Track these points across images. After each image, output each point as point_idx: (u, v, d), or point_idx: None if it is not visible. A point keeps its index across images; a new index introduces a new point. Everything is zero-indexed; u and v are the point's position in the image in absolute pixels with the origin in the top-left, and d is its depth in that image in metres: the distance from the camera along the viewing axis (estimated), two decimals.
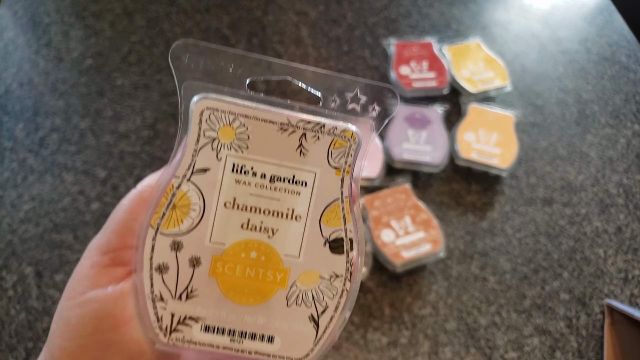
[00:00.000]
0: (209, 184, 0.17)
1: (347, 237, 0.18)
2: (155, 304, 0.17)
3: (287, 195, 0.18)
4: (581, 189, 0.52)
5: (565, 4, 0.71)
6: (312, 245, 0.18)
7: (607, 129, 0.57)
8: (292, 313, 0.18)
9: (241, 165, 0.17)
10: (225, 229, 0.17)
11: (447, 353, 0.41)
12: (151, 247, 0.17)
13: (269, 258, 0.18)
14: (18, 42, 0.58)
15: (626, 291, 0.46)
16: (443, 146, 0.51)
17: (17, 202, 0.46)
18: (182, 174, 0.17)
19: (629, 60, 0.64)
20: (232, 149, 0.17)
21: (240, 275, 0.17)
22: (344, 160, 0.18)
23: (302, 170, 0.18)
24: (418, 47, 0.59)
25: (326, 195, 0.18)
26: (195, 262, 0.17)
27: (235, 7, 0.64)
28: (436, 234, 0.45)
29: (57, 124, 0.52)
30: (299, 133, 0.17)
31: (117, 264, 0.17)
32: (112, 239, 0.17)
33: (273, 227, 0.18)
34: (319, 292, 0.18)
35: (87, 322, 0.15)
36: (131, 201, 0.17)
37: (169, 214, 0.17)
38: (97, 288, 0.16)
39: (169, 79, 0.57)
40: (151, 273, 0.17)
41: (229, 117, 0.17)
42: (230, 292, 0.17)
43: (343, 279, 0.18)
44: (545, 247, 0.48)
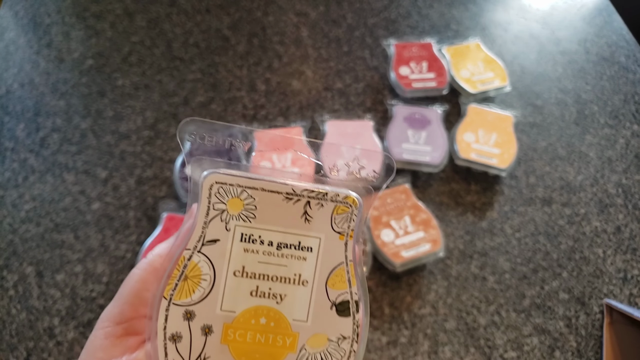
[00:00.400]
0: (219, 254, 0.18)
1: (353, 299, 0.19)
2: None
3: (294, 261, 0.18)
4: (580, 189, 0.52)
5: (564, 5, 0.71)
6: (319, 309, 0.18)
7: (606, 129, 0.57)
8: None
9: (249, 235, 0.18)
10: (235, 297, 0.18)
11: (447, 352, 0.41)
12: (164, 318, 0.17)
13: (278, 323, 0.18)
14: (19, 43, 0.59)
15: (625, 291, 0.46)
16: (442, 146, 0.51)
17: (18, 202, 0.46)
18: (193, 246, 0.18)
19: (628, 61, 0.64)
20: (241, 219, 0.18)
21: (251, 341, 0.18)
22: (347, 225, 0.19)
23: (307, 236, 0.18)
24: (418, 47, 0.59)
25: (331, 259, 0.19)
26: (207, 331, 0.18)
27: (236, 7, 0.65)
28: (436, 234, 0.45)
29: (58, 124, 0.52)
30: (303, 201, 0.18)
31: (130, 333, 0.17)
32: (125, 309, 0.17)
33: (281, 292, 0.18)
34: (327, 354, 0.18)
35: None
36: (142, 271, 0.18)
37: (181, 285, 0.18)
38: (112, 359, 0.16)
39: (169, 79, 0.57)
40: (165, 343, 0.17)
41: (237, 190, 0.18)
42: (242, 358, 0.18)
43: (350, 341, 0.18)
44: (545, 247, 0.48)
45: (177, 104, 0.55)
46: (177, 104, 0.55)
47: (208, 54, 0.60)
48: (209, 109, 0.55)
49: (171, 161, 0.50)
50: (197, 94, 0.56)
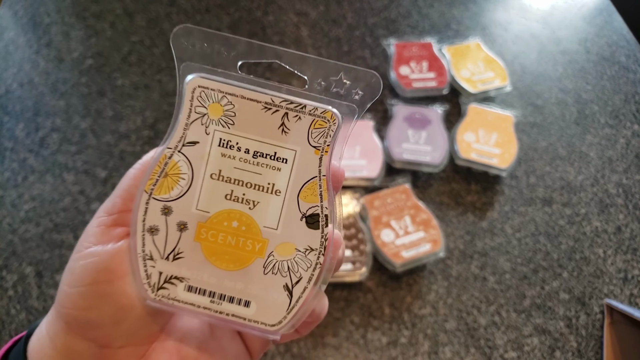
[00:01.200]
0: (198, 156, 0.18)
1: (323, 213, 0.19)
2: (145, 262, 0.18)
3: (269, 170, 0.19)
4: (581, 189, 0.52)
5: (564, 4, 0.71)
6: (289, 218, 0.19)
7: (606, 129, 0.57)
8: (268, 281, 0.19)
9: (227, 140, 0.19)
10: (210, 199, 0.19)
11: (447, 353, 0.41)
12: (144, 210, 0.18)
13: (249, 228, 0.19)
14: (18, 42, 0.58)
15: (626, 291, 0.46)
16: (443, 146, 0.51)
17: (17, 202, 0.46)
18: (174, 146, 0.18)
19: (629, 61, 0.64)
20: (220, 124, 0.18)
21: (222, 242, 0.19)
22: (324, 140, 0.19)
23: (283, 147, 0.19)
24: (418, 47, 0.59)
25: (305, 172, 0.19)
26: (182, 227, 0.18)
27: (236, 7, 0.65)
28: (436, 234, 0.45)
29: (58, 124, 0.52)
30: (281, 112, 0.18)
31: (119, 224, 0.18)
32: (117, 202, 0.18)
33: (254, 199, 0.19)
34: (294, 263, 0.19)
35: (87, 273, 0.17)
36: (136, 170, 0.19)
37: (161, 181, 0.18)
38: (99, 244, 0.18)
39: (169, 79, 0.57)
40: (143, 234, 0.18)
41: (218, 95, 0.18)
42: (212, 257, 0.19)
43: (317, 253, 0.19)
44: (545, 247, 0.48)
45: None
46: None
47: None
48: None
49: None
50: None
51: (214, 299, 0.19)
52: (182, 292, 0.19)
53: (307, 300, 0.19)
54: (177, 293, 0.19)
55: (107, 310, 0.17)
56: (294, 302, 0.19)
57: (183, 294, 0.19)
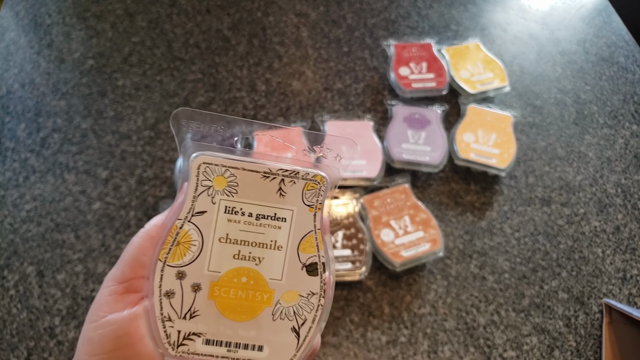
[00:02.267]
0: (206, 223, 0.21)
1: (320, 261, 0.22)
2: (164, 323, 0.20)
3: (270, 229, 0.21)
4: (579, 189, 0.52)
5: (563, 5, 0.71)
6: (292, 269, 0.21)
7: (605, 129, 0.58)
8: (277, 326, 0.21)
9: (232, 207, 0.21)
10: (220, 260, 0.21)
11: (446, 352, 0.41)
12: (160, 277, 0.20)
13: (257, 282, 0.21)
14: (20, 43, 0.59)
15: (624, 290, 0.46)
16: (442, 146, 0.51)
17: (18, 201, 0.47)
18: (184, 216, 0.21)
19: (627, 61, 0.64)
20: (225, 194, 0.21)
21: (233, 297, 0.21)
22: (316, 199, 0.22)
23: (281, 208, 0.21)
24: (417, 48, 0.59)
25: (302, 228, 0.22)
26: (196, 288, 0.21)
27: (236, 8, 0.65)
28: (435, 234, 0.45)
29: (59, 124, 0.52)
30: (278, 179, 0.21)
31: (130, 291, 0.20)
32: (125, 271, 0.20)
33: (260, 256, 0.21)
34: (299, 308, 0.21)
35: (107, 340, 0.18)
36: (140, 239, 0.21)
37: (174, 249, 0.21)
38: (114, 312, 0.19)
39: (169, 79, 0.57)
40: (160, 298, 0.20)
41: (221, 169, 0.21)
42: (226, 311, 0.21)
43: (318, 296, 0.21)
44: (544, 247, 0.48)
45: (178, 104, 0.55)
46: (178, 104, 0.55)
47: (208, 55, 0.60)
48: (209, 109, 0.55)
49: (172, 161, 0.50)
50: (198, 94, 0.56)
51: (230, 348, 0.21)
52: (200, 346, 0.20)
53: (313, 337, 0.21)
54: (196, 347, 0.20)
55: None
56: (301, 341, 0.21)
57: (202, 347, 0.20)
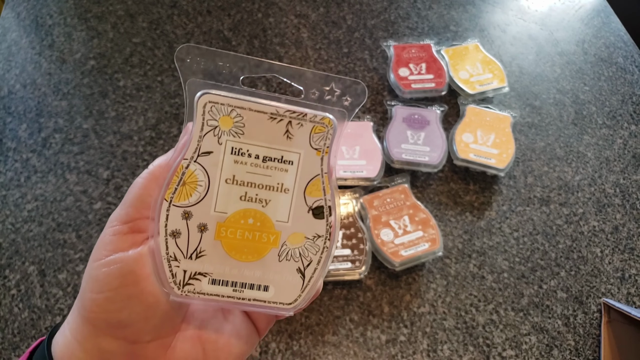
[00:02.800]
0: (213, 164, 0.20)
1: (327, 205, 0.22)
2: (170, 263, 0.20)
3: (277, 172, 0.21)
4: (578, 189, 0.53)
5: (562, 6, 0.71)
6: (298, 212, 0.21)
7: (604, 129, 0.58)
8: (283, 267, 0.21)
9: (239, 148, 0.21)
10: (227, 201, 0.21)
11: (446, 351, 0.42)
12: (165, 217, 0.20)
13: (263, 223, 0.21)
14: (21, 44, 0.59)
15: (623, 290, 0.46)
16: (441, 147, 0.51)
17: (20, 201, 0.47)
18: (190, 156, 0.20)
19: (626, 62, 0.65)
20: (231, 135, 0.21)
21: (240, 237, 0.21)
22: (323, 142, 0.21)
23: (289, 151, 0.21)
24: (417, 48, 0.60)
25: (309, 171, 0.21)
26: (202, 228, 0.20)
27: (237, 9, 0.65)
28: (434, 233, 0.45)
29: (60, 124, 0.52)
30: (285, 121, 0.21)
31: (135, 231, 0.20)
32: (130, 211, 0.20)
33: (266, 198, 0.21)
34: (304, 249, 0.21)
35: (112, 278, 0.18)
36: (144, 179, 0.20)
37: (180, 189, 0.20)
38: (119, 251, 0.19)
39: (171, 80, 0.57)
40: (166, 238, 0.20)
41: (227, 109, 0.20)
42: (232, 252, 0.21)
43: (324, 239, 0.22)
44: (543, 246, 0.48)
45: (179, 104, 0.55)
46: (179, 104, 0.55)
47: None
48: None
49: None
50: None
51: (236, 287, 0.21)
52: (206, 286, 0.21)
53: (318, 279, 0.22)
54: (202, 287, 0.20)
55: (137, 310, 0.19)
56: (306, 282, 0.21)
57: (207, 287, 0.21)
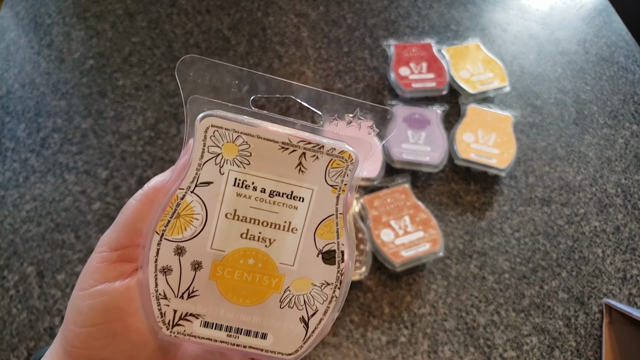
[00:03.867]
0: (212, 195, 0.18)
1: (339, 249, 0.19)
2: (159, 301, 0.18)
3: (285, 209, 0.19)
4: (580, 189, 0.52)
5: (563, 5, 0.71)
6: (306, 255, 0.19)
7: (605, 129, 0.58)
8: (284, 314, 0.19)
9: (242, 180, 0.18)
10: (225, 238, 0.19)
11: (446, 352, 0.41)
12: (156, 251, 0.18)
13: (265, 265, 0.19)
14: (20, 43, 0.59)
15: (624, 290, 0.46)
16: (442, 146, 0.51)
17: (18, 201, 0.47)
18: (187, 186, 0.18)
19: (627, 61, 0.64)
20: (235, 164, 0.18)
21: (238, 278, 0.19)
22: (341, 179, 0.19)
23: (300, 187, 0.19)
24: (417, 48, 0.59)
25: (322, 210, 0.19)
26: (197, 266, 0.19)
27: (236, 8, 0.65)
28: (435, 234, 0.45)
29: (59, 124, 0.52)
30: (299, 152, 0.18)
31: (124, 260, 0.18)
32: (120, 237, 0.18)
33: (270, 237, 0.19)
34: (310, 297, 0.19)
35: (96, 312, 0.17)
36: (138, 202, 0.18)
37: (173, 222, 0.18)
38: (106, 282, 0.17)
39: (170, 79, 0.57)
40: (156, 274, 0.18)
41: (233, 135, 0.18)
42: (229, 293, 0.19)
43: (333, 287, 0.19)
44: (544, 247, 0.48)
45: (178, 104, 0.55)
46: (178, 104, 0.55)
47: (208, 55, 0.60)
48: None
49: (172, 161, 0.50)
50: None
51: (230, 332, 0.19)
52: (198, 328, 0.19)
53: (323, 329, 0.19)
54: (193, 329, 0.19)
55: (122, 348, 0.17)
56: (310, 333, 0.19)
57: (199, 329, 0.19)
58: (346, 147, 0.19)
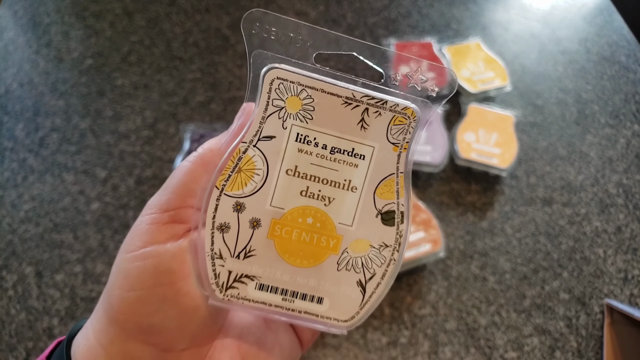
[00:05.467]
0: (274, 151, 0.18)
1: (399, 210, 0.19)
2: (214, 261, 0.18)
3: (346, 166, 0.18)
4: (581, 189, 0.52)
5: (565, 4, 0.71)
6: (365, 215, 0.18)
7: (606, 129, 0.57)
8: (341, 277, 0.19)
9: (305, 135, 0.18)
10: (285, 195, 0.18)
11: (447, 353, 0.41)
12: (214, 207, 0.17)
13: (324, 225, 0.18)
14: (18, 42, 0.58)
15: (626, 291, 0.46)
16: (443, 146, 0.51)
17: (17, 202, 0.46)
18: (249, 140, 0.18)
19: (629, 60, 0.64)
20: (298, 119, 0.18)
21: (296, 239, 0.18)
22: (402, 137, 0.18)
23: (361, 144, 0.18)
24: (418, 47, 0.59)
25: (382, 169, 0.18)
26: (255, 224, 0.18)
27: (235, 7, 0.65)
28: (436, 234, 0.45)
29: (57, 124, 0.52)
30: (361, 108, 0.18)
31: (176, 221, 0.17)
32: (172, 198, 0.17)
33: (330, 196, 0.18)
34: (368, 259, 0.19)
35: (146, 275, 0.16)
36: (192, 163, 0.18)
37: (234, 177, 0.18)
38: (156, 243, 0.16)
39: (168, 78, 0.57)
40: (213, 231, 0.17)
41: (297, 88, 0.18)
42: (286, 254, 0.18)
43: (392, 249, 0.19)
44: (545, 247, 0.48)
45: (177, 103, 0.55)
46: (177, 103, 0.55)
47: (207, 54, 0.59)
48: (208, 109, 0.54)
49: (170, 161, 0.50)
50: (197, 94, 0.56)
51: (286, 296, 0.18)
52: (252, 291, 0.18)
53: (380, 295, 0.19)
54: (248, 292, 0.18)
55: (172, 314, 0.16)
56: (367, 298, 0.19)
57: (254, 292, 0.18)
58: (409, 104, 0.18)
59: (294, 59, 0.18)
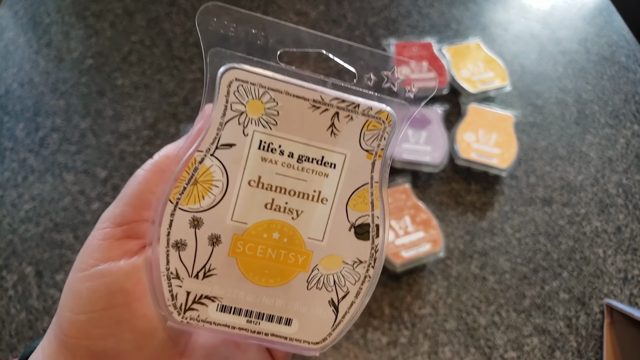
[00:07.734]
0: (234, 160, 0.16)
1: (374, 223, 0.17)
2: (170, 281, 0.16)
3: (315, 176, 0.17)
4: (581, 189, 0.52)
5: (564, 4, 0.71)
6: (337, 229, 0.17)
7: (606, 129, 0.57)
8: (312, 296, 0.17)
9: (269, 143, 0.16)
10: (248, 208, 0.17)
11: (447, 353, 0.41)
12: (169, 223, 0.16)
13: (292, 240, 0.17)
14: (18, 42, 0.58)
15: (625, 291, 0.46)
16: (443, 146, 0.51)
17: (17, 201, 0.46)
18: (206, 148, 0.16)
19: (629, 61, 0.64)
20: (260, 124, 0.16)
21: (261, 255, 0.17)
22: (377, 143, 0.17)
23: (332, 151, 0.17)
24: (418, 47, 0.59)
25: (355, 179, 0.17)
26: (215, 241, 0.17)
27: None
28: (436, 234, 0.45)
29: (58, 123, 0.52)
30: (331, 112, 0.16)
31: (130, 236, 0.16)
32: (126, 210, 0.16)
33: (298, 208, 0.17)
34: (340, 277, 0.17)
35: (98, 296, 0.15)
36: (147, 172, 0.16)
37: (189, 189, 0.16)
38: (109, 261, 0.15)
39: (169, 78, 0.57)
40: (167, 249, 0.16)
41: (259, 91, 0.16)
42: (250, 273, 0.17)
43: (366, 265, 0.17)
44: (545, 247, 0.48)
45: (177, 103, 0.55)
46: (177, 103, 0.55)
47: None
48: None
49: None
50: (197, 94, 0.56)
51: (251, 318, 0.17)
52: (214, 313, 0.17)
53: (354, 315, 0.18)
54: (208, 314, 0.17)
55: (127, 337, 0.15)
56: (339, 318, 0.17)
57: (215, 314, 0.17)
58: (384, 107, 0.17)
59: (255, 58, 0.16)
